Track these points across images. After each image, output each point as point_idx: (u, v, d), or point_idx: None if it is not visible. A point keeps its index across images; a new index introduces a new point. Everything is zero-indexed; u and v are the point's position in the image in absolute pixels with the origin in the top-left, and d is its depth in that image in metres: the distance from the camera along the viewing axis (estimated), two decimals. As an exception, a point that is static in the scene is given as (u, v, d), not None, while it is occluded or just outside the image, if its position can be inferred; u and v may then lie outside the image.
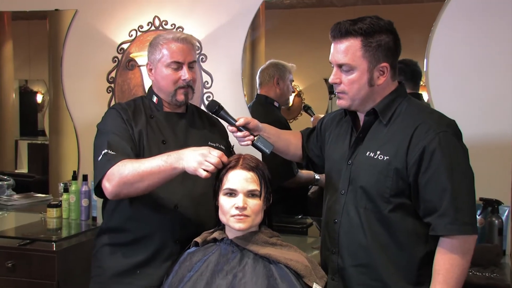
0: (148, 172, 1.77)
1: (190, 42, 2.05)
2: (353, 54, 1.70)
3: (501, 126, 2.58)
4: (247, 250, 1.75)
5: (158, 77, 2.05)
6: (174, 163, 1.75)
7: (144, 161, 1.80)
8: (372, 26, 1.69)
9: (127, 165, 1.81)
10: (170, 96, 2.04)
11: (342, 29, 1.71)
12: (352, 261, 1.78)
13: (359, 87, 1.73)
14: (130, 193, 1.84)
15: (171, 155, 1.77)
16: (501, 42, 2.58)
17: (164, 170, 1.76)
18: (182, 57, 2.01)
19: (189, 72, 2.02)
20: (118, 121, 1.98)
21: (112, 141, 1.90)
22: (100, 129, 2.00)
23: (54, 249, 2.55)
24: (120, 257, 1.98)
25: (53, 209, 2.99)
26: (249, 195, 1.74)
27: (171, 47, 2.01)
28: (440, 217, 1.63)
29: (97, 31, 3.28)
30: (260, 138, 1.89)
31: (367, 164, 1.74)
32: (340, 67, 1.74)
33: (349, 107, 1.79)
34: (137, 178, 1.78)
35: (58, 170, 3.56)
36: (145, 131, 1.99)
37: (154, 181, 1.79)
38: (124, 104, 2.08)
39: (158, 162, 1.77)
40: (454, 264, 1.64)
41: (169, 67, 2.01)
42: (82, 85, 3.34)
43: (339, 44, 1.72)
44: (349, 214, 1.78)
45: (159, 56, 2.02)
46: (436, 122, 1.69)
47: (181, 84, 2.02)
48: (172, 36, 2.03)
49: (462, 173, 1.65)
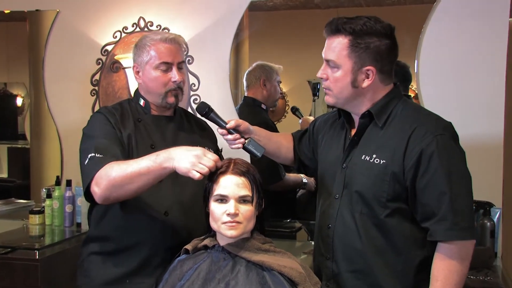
0: (136, 173, 1.70)
1: (178, 42, 2.00)
2: (339, 52, 1.68)
3: (491, 128, 2.58)
4: (239, 257, 1.70)
5: (147, 80, 1.99)
6: (163, 163, 1.69)
7: (132, 162, 1.74)
8: (365, 27, 1.66)
9: (115, 167, 1.74)
10: (160, 99, 1.99)
11: (333, 26, 1.70)
12: (348, 267, 1.74)
13: (342, 86, 1.71)
14: (120, 196, 1.77)
15: (160, 155, 1.71)
16: (491, 43, 2.59)
17: (153, 170, 1.69)
18: (171, 58, 1.96)
19: (178, 73, 1.97)
20: (104, 125, 1.92)
21: (99, 144, 1.84)
22: (86, 133, 1.93)
23: (37, 257, 2.48)
24: (108, 266, 1.93)
25: (35, 215, 2.93)
26: (241, 201, 1.69)
27: (159, 48, 1.95)
28: (438, 222, 1.60)
29: (80, 33, 3.23)
30: (251, 141, 1.84)
31: (363, 168, 1.71)
32: (328, 63, 1.73)
33: (335, 104, 1.78)
34: (126, 180, 1.71)
35: (40, 175, 3.51)
36: (134, 135, 1.94)
37: (144, 182, 1.72)
38: (110, 108, 2.02)
39: (147, 162, 1.71)
40: (453, 270, 1.61)
41: (158, 69, 1.96)
42: (65, 88, 3.28)
43: (330, 39, 1.72)
44: (344, 219, 1.75)
45: (147, 58, 1.97)
46: (433, 124, 1.66)
47: (171, 87, 1.97)
48: (160, 36, 1.97)
49: (460, 176, 1.63)
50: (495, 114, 2.57)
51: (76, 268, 2.03)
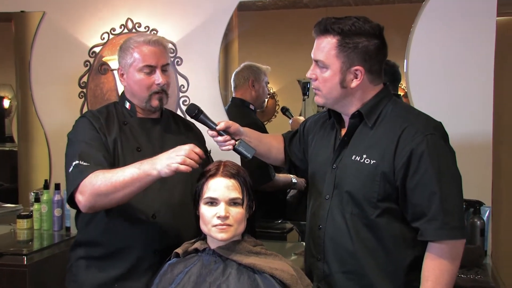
0: (121, 181, 1.69)
1: (162, 44, 1.98)
2: (328, 53, 1.68)
3: (481, 127, 2.59)
4: (230, 260, 1.69)
5: (131, 82, 1.97)
6: (147, 170, 1.68)
7: (117, 171, 1.73)
8: (353, 27, 1.66)
9: (99, 176, 1.73)
10: (144, 102, 1.97)
11: (322, 27, 1.70)
12: (339, 268, 1.74)
13: (331, 87, 1.70)
14: (106, 204, 1.76)
15: (144, 163, 1.70)
16: (479, 42, 2.59)
17: (138, 178, 1.69)
18: (154, 61, 1.93)
19: (162, 76, 1.95)
20: (89, 130, 1.90)
21: (83, 151, 1.82)
22: (71, 139, 1.91)
23: (25, 262, 2.45)
24: (96, 271, 1.91)
25: (23, 220, 2.90)
26: (231, 203, 1.68)
27: (142, 50, 1.93)
28: (428, 221, 1.60)
29: (67, 34, 3.19)
30: (241, 143, 1.83)
31: (353, 168, 1.71)
32: (317, 63, 1.73)
33: (324, 104, 1.77)
34: (111, 189, 1.70)
35: (28, 178, 3.46)
36: (119, 139, 1.92)
37: (129, 191, 1.71)
38: (95, 112, 2.00)
39: (132, 170, 1.69)
40: (444, 269, 1.61)
41: (142, 72, 1.94)
42: (52, 91, 3.24)
43: (319, 39, 1.72)
44: (335, 220, 1.74)
45: (130, 61, 1.95)
46: (423, 124, 1.66)
47: (155, 89, 1.95)
48: (143, 39, 1.95)
49: (450, 176, 1.63)
50: (483, 113, 2.58)
51: (65, 273, 2.01)
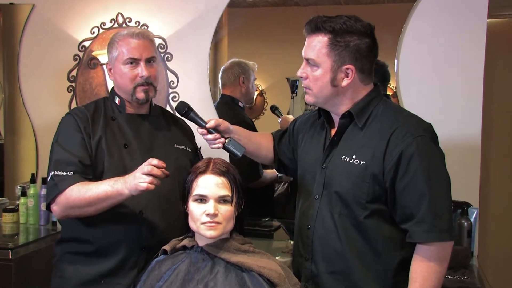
0: (94, 197, 1.75)
1: (148, 37, 1.97)
2: (319, 51, 1.67)
3: (470, 128, 2.60)
4: (218, 258, 1.68)
5: (117, 76, 1.97)
6: (120, 189, 1.71)
7: (92, 186, 1.76)
8: (345, 26, 1.65)
9: (74, 190, 1.78)
10: (130, 95, 1.96)
11: (313, 25, 1.69)
12: (327, 268, 1.73)
13: (321, 85, 1.70)
14: (79, 216, 1.83)
15: (118, 181, 1.73)
16: (470, 43, 2.60)
17: (111, 195, 1.73)
18: (138, 53, 1.93)
19: (146, 69, 1.94)
20: (71, 131, 1.90)
21: (60, 160, 1.85)
22: (53, 141, 1.92)
23: (10, 257, 2.44)
24: (83, 266, 1.89)
25: (9, 213, 2.87)
26: (220, 201, 1.67)
27: (126, 43, 1.93)
28: (417, 223, 1.60)
29: (57, 28, 3.17)
30: (231, 141, 1.83)
31: (343, 168, 1.70)
32: (307, 62, 1.72)
33: (315, 103, 1.76)
34: (84, 203, 1.77)
35: (14, 172, 3.43)
36: (105, 136, 1.91)
37: (102, 207, 1.77)
38: (82, 109, 1.99)
39: (105, 187, 1.73)
40: (431, 272, 1.61)
41: (126, 64, 1.94)
42: (41, 84, 3.22)
43: (310, 38, 1.71)
44: (324, 220, 1.74)
45: (115, 54, 1.95)
46: (413, 126, 1.66)
47: (138, 82, 1.94)
48: (127, 32, 1.96)
49: (439, 178, 1.63)
50: (473, 114, 2.59)
51: (51, 268, 1.99)
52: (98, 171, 1.88)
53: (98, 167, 1.88)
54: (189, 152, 2.06)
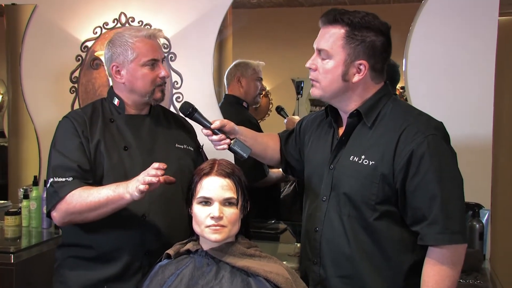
0: (96, 202, 1.72)
1: (159, 38, 1.97)
2: (334, 42, 1.63)
3: (481, 129, 2.55)
4: (223, 262, 1.64)
5: (133, 78, 1.92)
6: (121, 193, 1.68)
7: (93, 191, 1.74)
8: (363, 21, 1.62)
9: (75, 195, 1.75)
10: (147, 96, 1.93)
11: (331, 16, 1.65)
12: (335, 272, 1.69)
13: (332, 78, 1.65)
14: (80, 222, 1.80)
15: (120, 185, 1.70)
16: (480, 42, 2.56)
17: (112, 200, 1.70)
18: (157, 54, 1.93)
19: (165, 69, 1.95)
20: (69, 135, 1.87)
21: (59, 166, 1.82)
22: (51, 146, 1.90)
23: (12, 261, 2.41)
24: (85, 271, 1.86)
25: (11, 216, 2.84)
26: (225, 203, 1.63)
27: (145, 44, 1.90)
28: (429, 225, 1.56)
29: (59, 28, 3.15)
30: (237, 142, 1.79)
31: (351, 169, 1.66)
32: (319, 53, 1.67)
33: (321, 97, 1.71)
34: (85, 208, 1.74)
35: (18, 174, 3.44)
36: (103, 139, 1.88)
37: (103, 211, 1.74)
38: (80, 112, 1.95)
39: (107, 192, 1.71)
40: (444, 275, 1.56)
41: (146, 66, 1.90)
42: (43, 85, 3.21)
43: (325, 29, 1.67)
44: (332, 222, 1.69)
45: (132, 56, 1.89)
46: (424, 124, 1.62)
47: (159, 82, 1.93)
48: (144, 33, 1.92)
49: (452, 178, 1.59)
50: (484, 114, 2.55)
51: (53, 272, 1.96)
52: (98, 175, 1.84)
53: (98, 171, 1.85)
54: (191, 151, 2.03)
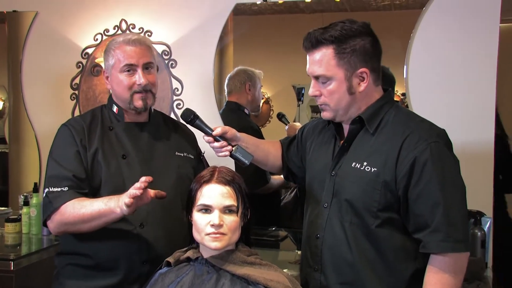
0: (89, 214, 1.71)
1: (144, 43, 1.91)
2: (327, 64, 1.62)
3: (482, 135, 2.54)
4: (223, 270, 1.63)
5: (114, 84, 1.91)
6: (112, 207, 1.67)
7: (87, 203, 1.73)
8: (344, 31, 1.61)
9: (69, 207, 1.75)
10: (127, 103, 1.90)
11: (313, 40, 1.63)
12: (337, 279, 1.68)
13: (339, 97, 1.64)
14: (74, 232, 1.81)
15: (113, 199, 1.68)
16: (482, 48, 2.55)
17: (104, 213, 1.69)
18: (135, 59, 1.87)
19: (144, 76, 1.87)
20: (67, 144, 1.86)
21: (54, 176, 1.82)
22: (49, 155, 1.89)
23: (11, 268, 2.40)
24: (84, 280, 1.84)
25: (11, 223, 2.82)
26: (226, 211, 1.62)
27: (122, 50, 1.87)
28: (431, 233, 1.55)
29: (60, 35, 3.15)
30: (238, 149, 1.78)
31: (353, 175, 1.65)
32: (317, 79, 1.66)
33: (334, 118, 1.71)
34: (78, 220, 1.73)
35: (18, 181, 3.44)
36: (101, 148, 1.86)
37: (96, 224, 1.73)
38: (79, 119, 1.94)
39: (99, 205, 1.70)
40: (446, 283, 1.55)
41: (123, 72, 1.87)
42: (44, 92, 3.21)
43: (312, 55, 1.65)
44: (333, 229, 1.68)
45: (112, 62, 1.89)
46: (426, 131, 1.61)
47: (136, 89, 1.88)
48: (122, 38, 1.89)
49: (454, 186, 1.58)
50: (485, 121, 2.54)
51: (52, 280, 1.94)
52: (96, 184, 1.83)
53: (95, 180, 1.83)
54: (192, 159, 2.01)
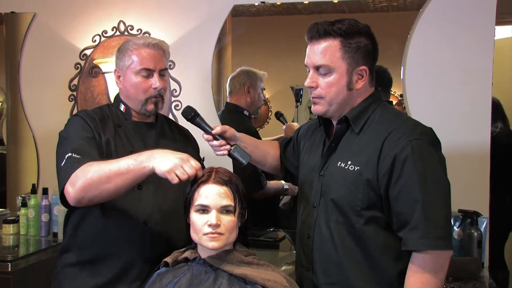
0: (115, 171, 1.62)
1: (162, 48, 1.94)
2: (332, 55, 1.61)
3: (478, 135, 2.54)
4: (221, 270, 1.64)
5: (127, 85, 1.93)
6: (144, 161, 1.61)
7: (112, 161, 1.66)
8: (351, 27, 1.62)
9: (93, 166, 1.66)
10: (139, 105, 1.92)
11: (321, 29, 1.63)
12: (325, 278, 1.69)
13: (337, 90, 1.64)
14: (95, 197, 1.67)
15: (142, 154, 1.64)
16: (478, 49, 2.56)
17: (133, 169, 1.61)
18: (153, 64, 1.89)
19: (160, 80, 1.91)
20: (82, 128, 1.84)
21: (77, 146, 1.76)
22: (63, 136, 1.85)
23: (9, 269, 2.38)
24: (83, 278, 1.84)
25: (9, 225, 2.82)
26: (223, 211, 1.63)
27: (141, 53, 1.89)
28: (410, 230, 1.54)
29: (58, 36, 3.15)
30: (237, 148, 1.79)
31: (339, 175, 1.65)
32: (317, 70, 1.65)
33: (325, 113, 1.69)
34: (104, 179, 1.63)
35: (16, 182, 3.43)
36: (113, 141, 1.87)
37: (122, 183, 1.63)
38: (90, 112, 1.95)
39: (128, 161, 1.63)
40: (425, 283, 1.54)
41: (139, 75, 1.90)
42: (42, 93, 3.20)
43: (317, 45, 1.64)
44: (321, 229, 1.69)
45: (128, 63, 1.90)
46: (410, 129, 1.60)
47: (152, 94, 1.91)
48: (143, 41, 1.91)
49: (435, 183, 1.55)
50: (481, 121, 2.54)
51: (51, 280, 1.94)
52: None
53: None
54: None
